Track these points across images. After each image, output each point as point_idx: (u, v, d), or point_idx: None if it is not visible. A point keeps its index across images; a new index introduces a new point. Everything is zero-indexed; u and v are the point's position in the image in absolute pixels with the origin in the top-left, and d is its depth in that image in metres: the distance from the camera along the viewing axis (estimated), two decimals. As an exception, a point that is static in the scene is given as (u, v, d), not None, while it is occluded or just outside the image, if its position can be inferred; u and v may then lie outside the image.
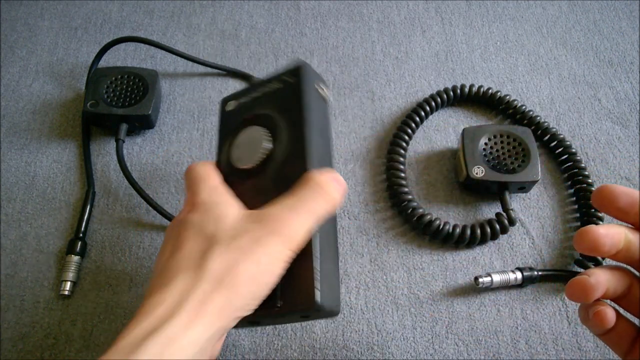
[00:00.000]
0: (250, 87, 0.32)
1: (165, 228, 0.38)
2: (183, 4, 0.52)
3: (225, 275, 0.22)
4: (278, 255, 0.23)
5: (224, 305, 0.22)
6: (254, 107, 0.30)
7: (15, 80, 0.46)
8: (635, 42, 0.50)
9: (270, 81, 0.30)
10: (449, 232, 0.37)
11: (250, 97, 0.31)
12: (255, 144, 0.28)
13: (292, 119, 0.28)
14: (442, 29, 0.51)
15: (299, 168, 0.26)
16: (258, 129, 0.28)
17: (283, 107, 0.28)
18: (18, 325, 0.34)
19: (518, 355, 0.34)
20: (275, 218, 0.23)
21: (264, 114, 0.29)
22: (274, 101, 0.29)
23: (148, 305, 0.22)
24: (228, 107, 0.31)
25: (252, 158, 0.27)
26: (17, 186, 0.40)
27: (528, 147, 0.39)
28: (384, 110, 0.45)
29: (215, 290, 0.22)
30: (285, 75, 0.29)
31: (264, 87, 0.30)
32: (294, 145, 0.27)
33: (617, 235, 0.22)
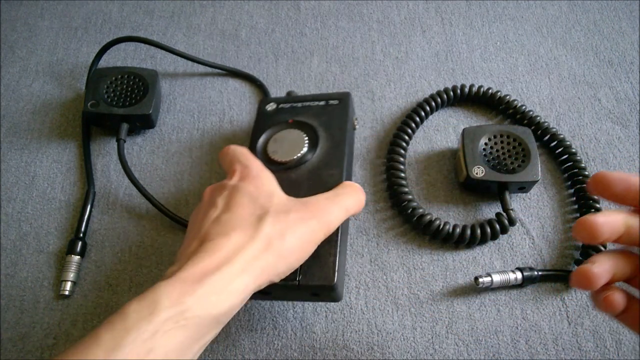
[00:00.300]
0: (290, 98, 0.38)
1: (166, 228, 0.38)
2: (183, 4, 0.52)
3: (274, 240, 0.25)
4: (315, 235, 0.27)
5: (268, 266, 0.25)
6: (296, 114, 0.36)
7: (15, 80, 0.46)
8: (635, 42, 0.50)
9: (315, 99, 0.37)
10: (449, 232, 0.37)
11: (290, 105, 0.37)
12: (295, 144, 0.34)
13: (333, 136, 0.34)
14: (442, 29, 0.51)
15: (334, 176, 0.32)
16: (299, 132, 0.35)
17: (326, 123, 0.35)
18: (18, 325, 0.34)
19: (518, 355, 0.34)
20: (318, 206, 0.28)
21: (307, 123, 0.35)
22: (318, 116, 0.36)
23: (205, 249, 0.24)
24: (267, 108, 0.37)
25: (290, 155, 0.33)
26: (17, 186, 0.40)
27: (528, 147, 0.39)
28: (384, 110, 0.45)
29: (265, 251, 0.25)
30: (332, 98, 0.37)
31: (307, 101, 0.37)
32: (332, 157, 0.33)
33: (616, 222, 0.23)
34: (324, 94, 0.38)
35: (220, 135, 0.43)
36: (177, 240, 0.38)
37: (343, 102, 0.37)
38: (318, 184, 0.32)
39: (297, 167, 0.33)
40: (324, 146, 0.34)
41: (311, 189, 0.30)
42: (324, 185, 0.31)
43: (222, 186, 0.29)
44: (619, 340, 0.34)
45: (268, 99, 0.38)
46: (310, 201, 0.28)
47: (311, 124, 0.35)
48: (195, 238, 0.26)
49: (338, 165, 0.33)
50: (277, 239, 0.25)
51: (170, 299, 0.22)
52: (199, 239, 0.25)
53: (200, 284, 0.23)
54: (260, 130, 0.36)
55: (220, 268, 0.23)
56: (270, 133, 0.35)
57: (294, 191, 0.30)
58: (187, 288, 0.22)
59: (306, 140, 0.34)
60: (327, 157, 0.33)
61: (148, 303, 0.22)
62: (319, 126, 0.35)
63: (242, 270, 0.24)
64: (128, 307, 0.22)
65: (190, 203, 0.40)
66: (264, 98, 0.38)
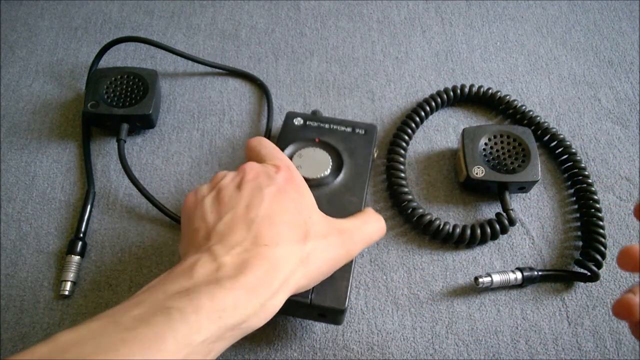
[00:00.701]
0: (317, 117, 0.39)
1: (166, 228, 0.38)
2: (183, 4, 0.52)
3: (309, 261, 0.26)
4: (339, 263, 0.28)
5: (298, 283, 0.25)
6: (322, 134, 0.38)
7: (15, 80, 0.46)
8: (635, 42, 0.50)
9: (342, 124, 0.39)
10: (449, 232, 0.37)
11: (317, 124, 0.39)
12: (320, 164, 0.35)
13: (357, 164, 0.36)
14: (442, 29, 0.51)
15: (353, 203, 0.34)
16: (324, 153, 0.36)
17: (351, 150, 0.37)
18: (18, 325, 0.34)
19: (518, 355, 0.34)
20: (348, 234, 0.29)
21: (333, 146, 0.37)
22: (344, 141, 0.37)
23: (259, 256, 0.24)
24: (295, 122, 0.39)
25: (314, 173, 0.35)
26: (17, 186, 0.40)
27: (528, 147, 0.39)
28: (384, 110, 0.45)
29: (300, 269, 0.25)
30: (359, 127, 0.38)
31: (334, 124, 0.39)
32: (354, 184, 0.35)
33: None
34: (352, 121, 0.39)
35: (221, 135, 0.44)
36: (177, 240, 0.38)
37: (369, 134, 0.38)
38: (337, 207, 0.34)
39: (318, 187, 0.34)
40: (347, 172, 0.36)
41: (330, 211, 0.31)
42: (343, 210, 0.33)
43: (269, 175, 0.28)
44: (619, 341, 0.34)
45: (295, 113, 0.39)
46: (342, 228, 0.29)
47: (336, 148, 0.37)
48: (243, 222, 0.25)
49: (359, 194, 0.35)
50: (311, 259, 0.26)
51: (236, 309, 0.22)
52: (252, 232, 0.25)
53: (255, 294, 0.23)
54: (285, 142, 0.37)
55: (271, 283, 0.24)
56: (296, 147, 0.37)
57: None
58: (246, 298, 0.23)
59: (330, 162, 0.36)
60: (350, 183, 0.35)
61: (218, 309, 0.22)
62: (344, 151, 0.37)
63: (283, 286, 0.24)
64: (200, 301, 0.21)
65: (190, 203, 0.40)
66: (291, 112, 0.39)
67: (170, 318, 0.20)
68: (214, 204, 0.27)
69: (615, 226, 0.39)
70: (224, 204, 0.27)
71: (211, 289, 0.22)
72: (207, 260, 0.23)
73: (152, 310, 0.21)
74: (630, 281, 0.37)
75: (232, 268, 0.23)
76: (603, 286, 0.37)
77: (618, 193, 0.41)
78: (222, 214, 0.26)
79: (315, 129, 0.38)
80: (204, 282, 0.22)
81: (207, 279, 0.23)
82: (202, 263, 0.23)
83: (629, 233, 0.39)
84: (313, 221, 0.27)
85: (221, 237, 0.25)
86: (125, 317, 0.21)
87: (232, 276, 0.23)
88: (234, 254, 0.24)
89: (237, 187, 0.28)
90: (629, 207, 0.40)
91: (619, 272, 0.37)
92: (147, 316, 0.20)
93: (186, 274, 0.23)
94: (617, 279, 0.37)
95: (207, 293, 0.22)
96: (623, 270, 0.24)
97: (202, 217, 0.27)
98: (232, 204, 0.27)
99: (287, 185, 0.28)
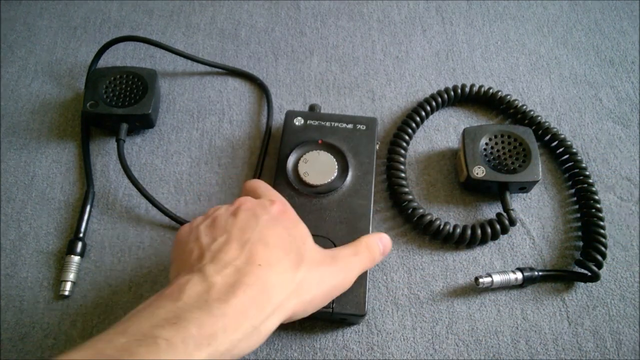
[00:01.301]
0: (317, 114, 0.39)
1: (166, 228, 0.38)
2: (182, 3, 0.52)
3: (303, 288, 0.26)
4: (337, 291, 0.29)
5: (293, 310, 0.26)
6: (324, 134, 0.38)
7: (14, 80, 0.46)
8: (636, 42, 0.50)
9: (342, 120, 0.39)
10: (449, 232, 0.37)
11: (318, 122, 0.39)
12: (326, 168, 0.36)
13: (362, 164, 0.37)
14: (443, 29, 0.50)
15: (363, 206, 0.35)
16: (330, 156, 0.37)
17: (355, 149, 0.37)
18: (18, 325, 0.34)
19: (518, 355, 0.34)
20: (345, 263, 0.29)
21: (337, 147, 0.37)
22: (346, 140, 0.38)
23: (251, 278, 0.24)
24: (295, 122, 0.39)
25: (321, 179, 0.36)
26: (17, 186, 0.40)
27: (529, 147, 0.39)
28: (384, 109, 0.45)
29: (294, 296, 0.25)
30: (359, 123, 0.39)
31: (334, 121, 0.39)
32: (361, 186, 0.36)
33: None
34: (352, 117, 0.39)
35: (220, 135, 0.43)
36: (176, 240, 0.38)
37: (370, 129, 0.39)
38: (347, 212, 0.35)
39: (327, 193, 0.35)
40: (354, 174, 0.36)
41: (341, 216, 0.34)
42: (354, 214, 0.35)
43: (264, 206, 0.29)
44: (619, 341, 0.34)
45: (293, 112, 0.39)
46: (337, 256, 0.29)
47: (340, 149, 0.37)
48: (238, 242, 0.26)
49: (367, 196, 0.36)
50: (306, 287, 0.26)
51: (225, 334, 0.22)
52: (246, 252, 0.25)
53: (245, 316, 0.23)
54: (288, 144, 0.38)
55: (263, 305, 0.24)
56: (301, 152, 0.37)
57: (324, 216, 0.35)
58: (236, 321, 0.22)
59: (336, 165, 0.36)
60: (357, 186, 0.36)
61: (207, 336, 0.21)
62: (348, 152, 0.37)
63: (276, 310, 0.24)
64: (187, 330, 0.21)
65: (189, 203, 0.40)
66: (291, 111, 0.40)
67: (157, 349, 0.20)
68: (209, 229, 0.27)
69: (616, 226, 0.39)
70: (218, 227, 0.27)
71: (199, 315, 0.21)
72: (198, 281, 0.23)
73: (138, 339, 0.20)
74: (630, 282, 0.37)
75: (223, 288, 0.23)
76: (603, 286, 0.36)
77: (619, 193, 0.41)
78: (217, 236, 0.27)
79: (316, 128, 0.38)
80: (192, 306, 0.22)
81: (196, 301, 0.22)
82: (192, 284, 0.23)
83: (630, 233, 0.39)
84: (307, 248, 0.28)
85: (214, 256, 0.25)
86: (109, 348, 0.20)
87: (223, 298, 0.22)
88: (226, 273, 0.24)
89: (232, 214, 0.28)
90: (629, 207, 0.40)
91: (619, 272, 0.37)
92: (132, 347, 0.20)
93: (174, 296, 0.22)
94: (617, 279, 0.37)
95: (196, 320, 0.21)
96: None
97: (195, 240, 0.27)
98: (226, 228, 0.27)
99: (282, 216, 0.29)
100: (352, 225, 0.34)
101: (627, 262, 0.37)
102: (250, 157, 0.42)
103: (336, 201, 0.35)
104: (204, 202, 0.40)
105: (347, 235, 0.34)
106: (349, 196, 0.35)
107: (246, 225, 0.27)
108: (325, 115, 0.39)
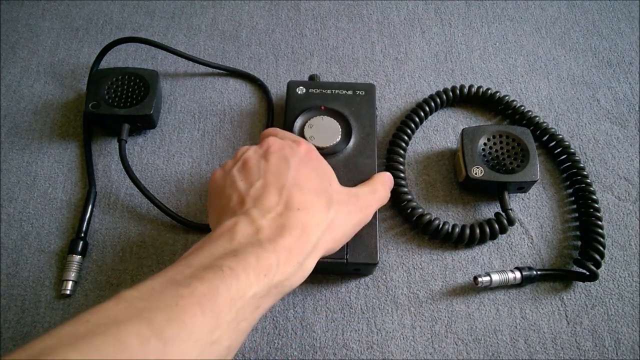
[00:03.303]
0: (317, 83, 0.41)
1: (167, 228, 0.39)
2: (184, 4, 0.52)
3: (334, 226, 0.28)
4: (358, 227, 0.31)
5: (326, 246, 0.27)
6: (326, 101, 0.40)
7: (16, 80, 0.46)
8: (634, 43, 0.50)
9: (342, 87, 0.41)
10: (448, 231, 0.37)
11: (319, 90, 0.40)
12: (331, 131, 0.38)
13: (364, 126, 0.39)
14: (442, 30, 0.51)
15: (368, 165, 0.37)
16: (333, 120, 0.38)
17: (356, 113, 0.39)
18: (19, 324, 0.34)
19: (517, 354, 0.34)
20: (365, 201, 0.32)
21: (339, 112, 0.39)
22: (347, 105, 0.40)
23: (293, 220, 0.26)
24: (297, 91, 0.40)
25: (327, 141, 0.37)
26: (19, 186, 0.41)
27: (527, 148, 0.39)
28: (384, 110, 0.45)
29: (326, 233, 0.27)
30: (358, 89, 0.41)
31: (334, 89, 0.40)
32: (365, 147, 0.38)
33: None
34: (350, 84, 0.41)
35: (221, 135, 0.44)
36: (177, 239, 0.38)
37: (369, 93, 0.40)
38: (354, 171, 0.37)
39: (334, 154, 0.37)
40: (357, 135, 0.38)
41: (348, 176, 0.36)
42: (360, 173, 0.36)
43: (292, 147, 0.30)
44: (617, 340, 0.35)
45: (295, 82, 0.41)
46: (359, 194, 0.32)
47: (343, 113, 0.39)
48: (274, 188, 0.27)
49: (371, 155, 0.37)
50: (336, 226, 0.28)
51: (278, 267, 0.24)
52: (284, 198, 0.27)
53: (293, 254, 0.25)
54: (293, 113, 0.39)
55: (305, 245, 0.26)
56: (305, 118, 0.39)
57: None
58: (286, 258, 0.24)
59: (340, 129, 0.38)
60: (361, 146, 0.38)
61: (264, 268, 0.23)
62: (350, 115, 0.39)
63: (315, 248, 0.26)
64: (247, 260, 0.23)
65: (190, 203, 0.40)
66: (292, 81, 0.41)
67: (222, 274, 0.22)
68: (242, 173, 0.29)
69: (614, 226, 0.39)
70: (253, 172, 0.29)
71: (255, 250, 0.23)
72: (246, 223, 0.25)
73: (204, 268, 0.22)
74: (629, 281, 0.37)
75: (270, 231, 0.25)
76: (602, 286, 0.37)
77: (617, 193, 0.41)
78: (253, 180, 0.28)
79: (318, 95, 0.40)
80: (246, 244, 0.24)
81: (248, 241, 0.24)
82: (241, 226, 0.25)
83: (628, 233, 0.39)
84: (334, 189, 0.30)
85: (255, 202, 0.27)
86: (179, 274, 0.22)
87: (272, 239, 0.24)
88: (269, 217, 0.25)
89: (262, 157, 0.30)
90: (627, 206, 0.40)
91: (617, 271, 0.37)
92: (199, 273, 0.22)
93: (227, 236, 0.24)
94: (615, 278, 0.37)
95: (253, 254, 0.23)
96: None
97: (232, 185, 0.28)
98: (260, 172, 0.28)
99: (308, 156, 0.31)
100: (359, 182, 0.36)
101: (625, 261, 0.38)
102: (251, 158, 0.42)
103: (342, 161, 0.37)
104: (205, 202, 0.40)
105: None
106: (354, 156, 0.37)
107: (279, 171, 0.28)
108: (325, 84, 0.41)
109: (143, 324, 0.19)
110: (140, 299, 0.21)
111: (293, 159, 0.29)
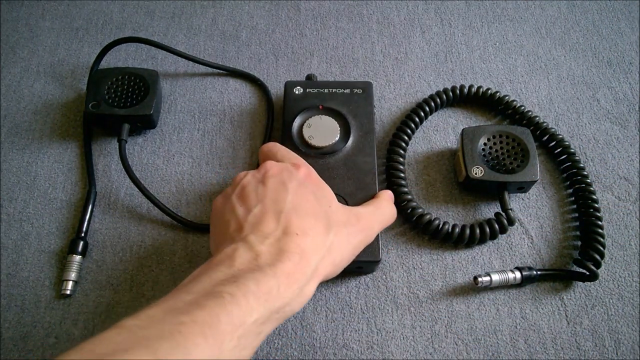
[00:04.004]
0: (314, 83, 0.41)
1: (167, 228, 0.39)
2: (184, 4, 0.52)
3: (334, 250, 0.28)
4: (360, 248, 0.30)
5: (326, 270, 0.27)
6: (324, 100, 0.40)
7: (16, 80, 0.46)
8: (634, 43, 0.50)
9: (339, 86, 0.41)
10: (448, 231, 0.37)
11: (316, 90, 0.41)
12: (329, 131, 0.38)
13: (362, 125, 0.39)
14: (442, 30, 0.51)
15: (368, 163, 0.37)
16: (331, 119, 0.38)
17: (354, 112, 0.39)
18: (19, 324, 0.34)
19: (517, 354, 0.34)
20: (366, 221, 0.31)
21: (337, 110, 0.39)
22: (345, 104, 0.40)
23: (292, 245, 0.26)
24: (295, 91, 0.40)
25: (326, 141, 0.37)
26: (19, 186, 0.41)
27: (527, 148, 0.39)
28: (384, 110, 0.45)
29: (326, 258, 0.27)
30: (356, 87, 0.41)
31: (332, 87, 0.41)
32: (364, 145, 0.38)
33: None
34: (347, 82, 0.41)
35: (221, 135, 0.44)
36: (177, 239, 0.38)
37: (366, 92, 0.41)
38: (354, 169, 0.37)
39: (333, 154, 0.37)
40: (356, 134, 0.38)
41: (348, 174, 0.36)
42: (360, 171, 0.36)
43: (290, 172, 0.30)
44: (617, 340, 0.35)
45: (292, 82, 0.41)
46: (360, 214, 0.31)
47: (340, 111, 0.39)
48: (272, 213, 0.27)
49: (370, 154, 0.37)
50: (336, 249, 0.28)
51: (279, 292, 0.24)
52: (282, 223, 0.27)
53: (292, 279, 0.25)
54: (291, 113, 0.39)
55: (304, 270, 0.25)
56: (304, 118, 0.39)
57: (332, 175, 0.36)
58: (286, 283, 0.24)
59: (338, 127, 0.38)
60: (360, 145, 0.38)
61: (264, 293, 0.23)
62: (348, 114, 0.39)
63: (315, 273, 0.26)
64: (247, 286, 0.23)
65: (190, 203, 0.40)
66: (289, 81, 0.41)
67: (222, 301, 0.22)
68: (241, 199, 0.29)
69: (614, 226, 0.39)
70: (251, 198, 0.28)
71: (255, 275, 0.23)
72: (245, 250, 0.25)
73: (203, 295, 0.22)
74: (629, 281, 0.37)
75: (269, 256, 0.25)
76: (602, 286, 0.37)
77: (617, 193, 0.41)
78: (251, 206, 0.28)
79: (316, 95, 0.40)
80: (246, 270, 0.24)
81: (248, 267, 0.24)
82: (240, 252, 0.25)
83: (628, 232, 0.39)
84: (333, 210, 0.30)
85: (253, 228, 0.26)
86: (179, 302, 0.22)
87: (271, 264, 0.24)
88: (268, 243, 0.25)
89: (260, 182, 0.29)
90: (627, 206, 0.40)
91: (617, 271, 0.37)
92: (200, 300, 0.22)
93: (226, 263, 0.24)
94: (615, 278, 0.37)
95: (252, 279, 0.23)
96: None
97: (231, 211, 0.28)
98: (259, 198, 0.28)
99: (307, 180, 0.30)
100: (359, 181, 0.36)
101: (625, 261, 0.38)
102: (251, 158, 0.42)
103: (342, 160, 0.37)
104: (205, 202, 0.40)
105: (356, 190, 0.36)
106: (353, 155, 0.37)
107: (277, 195, 0.28)
108: (322, 83, 0.41)
109: (148, 353, 0.19)
110: (142, 327, 0.20)
111: (291, 183, 0.29)
